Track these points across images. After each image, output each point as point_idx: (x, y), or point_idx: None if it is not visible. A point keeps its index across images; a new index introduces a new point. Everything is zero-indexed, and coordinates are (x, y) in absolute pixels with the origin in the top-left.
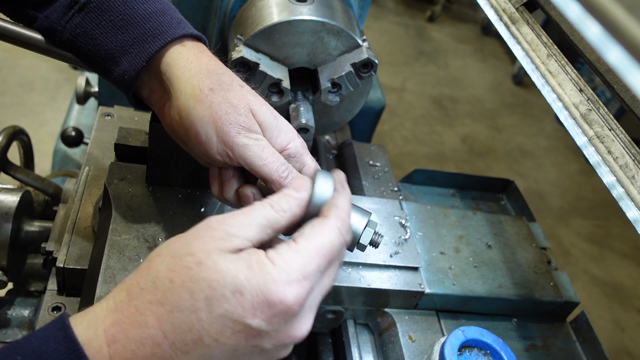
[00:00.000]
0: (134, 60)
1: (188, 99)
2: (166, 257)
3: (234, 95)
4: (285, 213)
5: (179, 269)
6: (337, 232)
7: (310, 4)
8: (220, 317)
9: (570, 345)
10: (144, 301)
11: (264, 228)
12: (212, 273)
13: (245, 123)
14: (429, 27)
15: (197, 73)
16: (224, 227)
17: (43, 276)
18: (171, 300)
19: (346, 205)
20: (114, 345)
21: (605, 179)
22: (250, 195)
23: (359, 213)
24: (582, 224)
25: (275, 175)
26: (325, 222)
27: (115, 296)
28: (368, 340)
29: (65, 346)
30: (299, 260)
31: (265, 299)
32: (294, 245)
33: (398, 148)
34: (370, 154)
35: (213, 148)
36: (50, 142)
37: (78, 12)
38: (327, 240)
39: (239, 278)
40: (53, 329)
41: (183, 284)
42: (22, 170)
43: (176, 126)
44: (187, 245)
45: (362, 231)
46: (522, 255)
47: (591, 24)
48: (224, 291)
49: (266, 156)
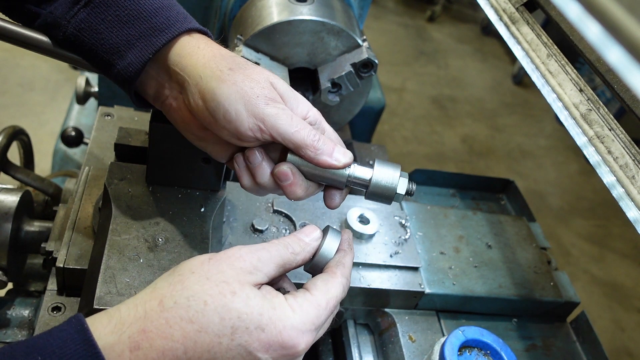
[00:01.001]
0: (141, 53)
1: (210, 81)
2: (201, 277)
3: (253, 71)
4: (297, 256)
5: (214, 294)
6: (342, 289)
7: (310, 4)
8: (238, 346)
9: (570, 345)
10: (175, 315)
11: (279, 267)
12: (244, 306)
13: (270, 94)
14: (429, 27)
15: (212, 57)
16: (253, 260)
17: (43, 276)
18: (201, 321)
19: (350, 264)
20: (137, 351)
21: (605, 179)
22: (289, 171)
23: (390, 167)
24: (582, 224)
25: (309, 140)
26: (335, 280)
27: (145, 303)
28: (368, 340)
29: (85, 349)
30: (314, 312)
31: (282, 340)
32: (310, 297)
33: (398, 148)
34: (371, 154)
35: (244, 124)
36: (50, 142)
37: (84, 7)
38: (335, 295)
39: (263, 316)
40: (72, 330)
41: (216, 309)
42: (22, 170)
43: (199, 112)
44: (222, 272)
45: (397, 183)
46: (522, 255)
47: (591, 24)
48: (249, 325)
49: (296, 123)
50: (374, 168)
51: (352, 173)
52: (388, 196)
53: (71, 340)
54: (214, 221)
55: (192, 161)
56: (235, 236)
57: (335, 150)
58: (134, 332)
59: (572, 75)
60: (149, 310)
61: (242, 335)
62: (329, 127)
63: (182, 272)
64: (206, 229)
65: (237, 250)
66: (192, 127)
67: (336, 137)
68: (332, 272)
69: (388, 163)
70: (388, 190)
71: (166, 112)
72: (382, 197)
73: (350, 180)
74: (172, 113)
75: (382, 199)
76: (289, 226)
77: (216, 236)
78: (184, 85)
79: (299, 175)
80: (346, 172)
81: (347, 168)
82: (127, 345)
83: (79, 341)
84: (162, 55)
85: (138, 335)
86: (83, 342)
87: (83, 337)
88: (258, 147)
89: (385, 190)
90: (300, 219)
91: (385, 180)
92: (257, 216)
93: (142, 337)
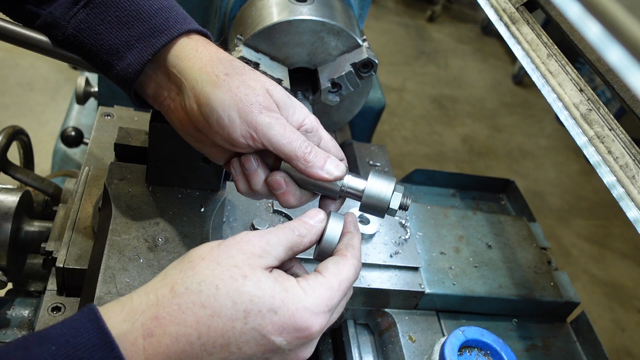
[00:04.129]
0: (140, 54)
1: (205, 86)
2: (211, 262)
3: (250, 77)
4: (304, 239)
5: (226, 278)
6: (354, 271)
7: (310, 4)
8: (251, 330)
9: (571, 346)
10: (188, 301)
11: (287, 250)
12: (255, 289)
13: (265, 102)
14: (429, 27)
15: (209, 61)
16: (262, 244)
17: (43, 276)
18: (214, 305)
19: (359, 246)
20: (150, 338)
21: (605, 179)
22: (282, 181)
23: (385, 179)
24: (582, 224)
25: (300, 152)
26: (346, 261)
27: (157, 290)
28: (368, 341)
29: (99, 337)
30: (327, 293)
31: (295, 322)
32: (322, 279)
33: (398, 148)
34: (370, 154)
35: (237, 130)
36: (50, 142)
37: (83, 8)
38: (347, 277)
39: (276, 299)
40: (85, 320)
41: (228, 293)
42: (22, 170)
43: (194, 116)
44: (232, 256)
45: (390, 197)
46: (522, 255)
47: (591, 24)
48: (261, 307)
49: (289, 134)
50: (368, 180)
51: (345, 184)
52: (381, 209)
53: (84, 329)
54: (214, 221)
55: (192, 161)
56: None
57: (328, 163)
58: (146, 320)
59: (572, 75)
60: (161, 297)
61: (256, 319)
62: (327, 134)
63: (192, 259)
64: (206, 229)
65: (245, 235)
66: (189, 129)
67: (334, 146)
68: (343, 255)
69: (383, 176)
70: (381, 204)
71: (164, 112)
72: (375, 209)
73: (344, 191)
74: (170, 114)
75: (375, 212)
76: None
77: (216, 236)
78: (181, 88)
79: (293, 184)
80: (339, 182)
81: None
82: (140, 333)
83: (92, 330)
84: (161, 57)
85: (151, 322)
86: (96, 331)
87: (96, 325)
88: (254, 154)
89: (377, 203)
90: None
91: (378, 193)
92: (257, 216)
93: (155, 324)
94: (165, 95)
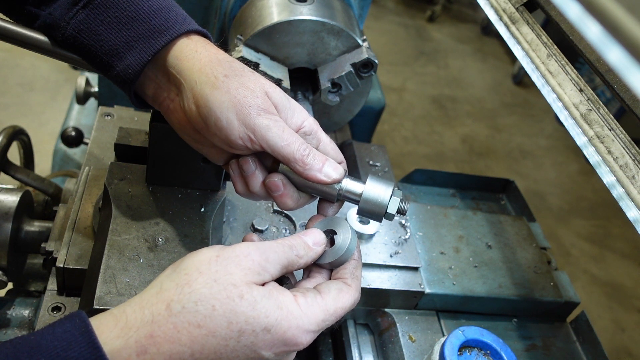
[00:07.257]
0: (139, 55)
1: (204, 87)
2: (208, 279)
3: (249, 79)
4: (301, 260)
5: (222, 298)
6: (352, 301)
7: (310, 4)
8: (244, 347)
9: (570, 345)
10: (184, 320)
11: (283, 268)
12: (251, 310)
13: (263, 105)
14: (429, 27)
15: (209, 62)
16: (261, 261)
17: (43, 276)
18: (209, 325)
19: (361, 276)
20: (144, 355)
21: (605, 179)
22: (279, 183)
23: (383, 183)
24: (582, 224)
25: (298, 155)
26: (349, 291)
27: (152, 306)
28: (368, 340)
29: (89, 352)
30: (322, 316)
31: (285, 338)
32: (321, 300)
33: (398, 148)
34: (370, 154)
35: (234, 132)
36: (50, 142)
37: (82, 9)
38: (344, 306)
39: (270, 318)
40: (76, 332)
41: (224, 314)
42: (22, 170)
43: (192, 117)
44: (230, 273)
45: (388, 202)
46: (522, 255)
47: (591, 24)
48: (255, 327)
49: (287, 136)
50: (366, 184)
51: (343, 187)
52: (378, 214)
53: (75, 343)
54: (214, 221)
55: (192, 161)
56: (235, 236)
57: (326, 166)
58: (141, 337)
59: (572, 75)
60: (156, 314)
61: (249, 337)
62: (326, 137)
63: (189, 272)
64: (206, 229)
65: (245, 249)
66: (188, 129)
67: (332, 148)
68: (348, 284)
69: (382, 180)
70: (378, 208)
71: (164, 113)
72: (372, 214)
73: (341, 194)
74: (169, 114)
75: (373, 216)
76: (289, 226)
77: (216, 236)
78: (181, 89)
79: (290, 186)
80: (337, 185)
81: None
82: (134, 350)
83: (84, 344)
84: (160, 58)
85: (145, 339)
86: (87, 345)
87: (87, 339)
88: (252, 156)
89: (375, 208)
90: (301, 219)
91: (375, 198)
92: (257, 216)
93: (149, 342)
94: (165, 95)
